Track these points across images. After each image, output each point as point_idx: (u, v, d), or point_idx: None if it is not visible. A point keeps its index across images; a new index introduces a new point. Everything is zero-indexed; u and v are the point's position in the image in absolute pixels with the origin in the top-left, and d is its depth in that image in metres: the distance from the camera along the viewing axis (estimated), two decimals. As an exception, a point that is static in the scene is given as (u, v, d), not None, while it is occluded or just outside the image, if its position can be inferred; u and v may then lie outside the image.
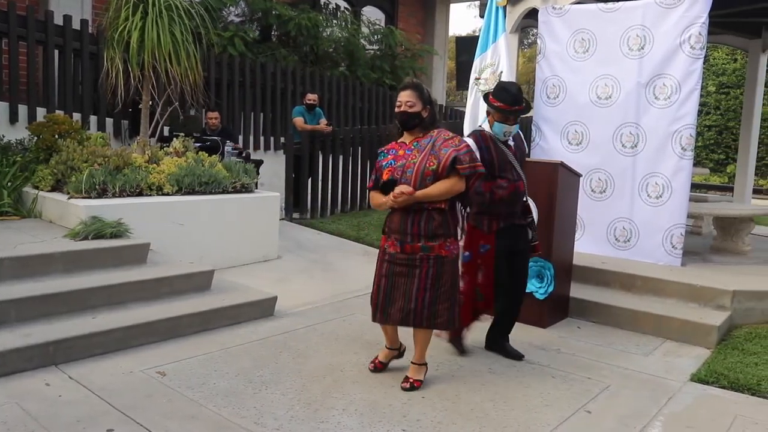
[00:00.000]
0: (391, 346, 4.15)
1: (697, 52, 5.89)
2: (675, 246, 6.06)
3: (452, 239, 3.84)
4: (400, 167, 3.79)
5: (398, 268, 3.83)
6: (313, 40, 11.77)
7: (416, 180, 3.72)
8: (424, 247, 3.77)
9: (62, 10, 8.15)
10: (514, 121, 4.28)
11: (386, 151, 3.96)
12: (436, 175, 3.72)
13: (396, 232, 3.83)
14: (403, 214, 3.79)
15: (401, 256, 3.81)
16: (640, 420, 3.66)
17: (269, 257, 6.88)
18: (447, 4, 15.52)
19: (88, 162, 5.92)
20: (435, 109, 3.98)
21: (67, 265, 4.80)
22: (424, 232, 3.76)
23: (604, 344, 4.92)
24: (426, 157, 3.76)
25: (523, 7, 7.40)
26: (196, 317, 4.69)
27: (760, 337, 4.99)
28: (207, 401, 3.60)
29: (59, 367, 3.89)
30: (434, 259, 3.77)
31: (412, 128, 3.87)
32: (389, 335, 4.12)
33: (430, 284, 3.78)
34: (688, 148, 5.97)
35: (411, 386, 3.90)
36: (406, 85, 3.90)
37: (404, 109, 3.82)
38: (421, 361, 4.00)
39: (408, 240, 3.79)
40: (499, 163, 4.32)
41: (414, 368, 3.99)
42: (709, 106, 18.31)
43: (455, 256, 3.88)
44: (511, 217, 4.39)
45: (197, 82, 6.48)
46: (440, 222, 3.77)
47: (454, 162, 3.70)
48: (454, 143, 3.79)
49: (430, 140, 3.82)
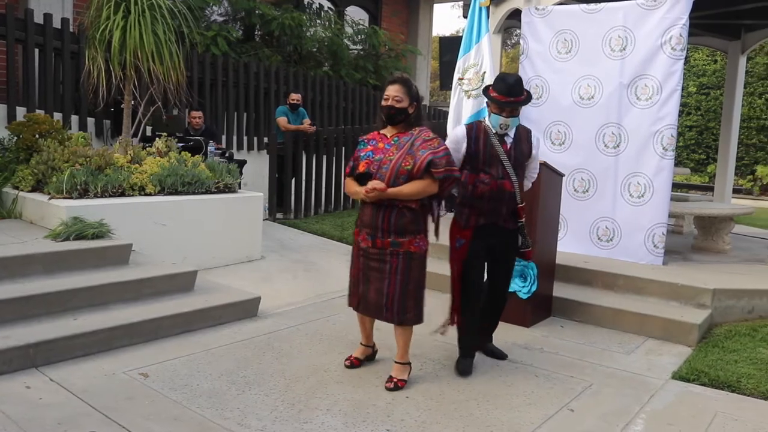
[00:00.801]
0: (366, 343, 4.25)
1: (678, 53, 5.95)
2: (657, 245, 6.12)
3: (422, 236, 3.88)
4: (377, 161, 3.82)
5: (371, 262, 3.88)
6: (296, 39, 11.75)
7: (390, 177, 3.74)
8: (393, 242, 3.80)
9: (42, 9, 8.07)
10: (509, 113, 4.07)
11: (367, 140, 3.99)
12: (410, 175, 3.74)
13: (367, 226, 3.87)
14: (374, 209, 3.82)
15: (373, 251, 3.86)
16: (622, 418, 3.68)
17: (252, 257, 6.85)
18: (430, 4, 15.54)
19: (69, 162, 5.86)
20: (421, 106, 3.99)
21: (48, 266, 4.75)
22: (395, 228, 3.79)
23: (587, 343, 4.96)
24: (403, 155, 3.78)
25: (506, 7, 7.45)
26: (178, 318, 4.67)
27: (740, 334, 5.05)
28: (190, 402, 3.58)
29: (40, 369, 3.84)
30: (403, 254, 3.81)
31: (398, 123, 3.88)
32: (366, 330, 4.20)
33: (399, 279, 3.82)
34: (669, 148, 6.02)
35: (395, 386, 3.91)
36: (395, 79, 3.90)
37: (391, 103, 3.82)
38: (404, 360, 4.01)
39: (378, 235, 3.83)
40: (484, 156, 4.15)
41: (397, 368, 4.00)
42: (690, 106, 18.48)
43: (424, 253, 3.92)
44: (494, 216, 4.19)
45: (180, 81, 6.44)
46: (411, 219, 3.81)
47: (429, 165, 3.73)
48: (432, 145, 3.80)
49: (410, 138, 3.84)
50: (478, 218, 4.18)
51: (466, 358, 4.30)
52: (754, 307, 5.45)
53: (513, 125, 4.16)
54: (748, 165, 17.71)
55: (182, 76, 6.52)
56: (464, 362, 4.27)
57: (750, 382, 4.17)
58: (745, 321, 5.38)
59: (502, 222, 4.23)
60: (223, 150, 8.37)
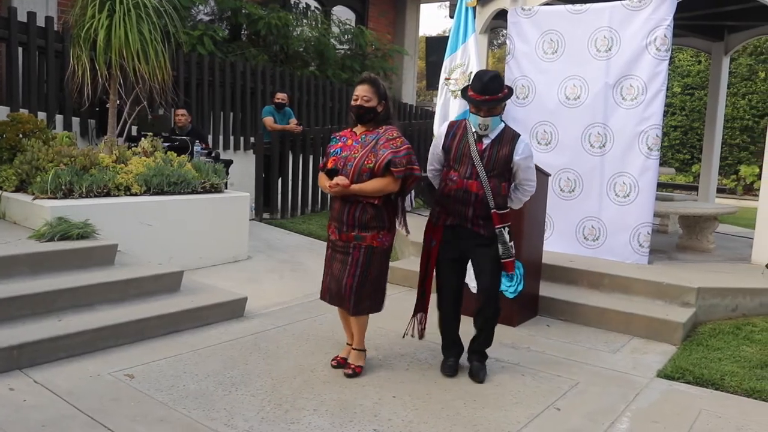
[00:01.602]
0: (350, 341, 4.30)
1: (663, 54, 5.99)
2: (642, 244, 6.16)
3: (385, 232, 4.00)
4: (344, 158, 3.97)
5: (337, 254, 4.04)
6: (283, 39, 11.71)
7: (353, 174, 3.89)
8: (357, 236, 3.95)
9: (26, 7, 8.00)
10: (487, 112, 3.94)
11: (339, 137, 4.16)
12: (372, 172, 3.88)
13: (335, 219, 4.04)
14: (342, 204, 3.98)
15: (339, 243, 4.03)
16: (608, 416, 3.71)
17: (239, 258, 6.83)
18: (417, 4, 15.55)
19: (53, 162, 5.82)
20: (390, 105, 4.10)
21: (33, 266, 4.71)
22: (358, 223, 3.94)
23: (573, 342, 4.98)
24: (366, 154, 3.92)
25: (492, 7, 7.46)
26: (165, 319, 4.64)
27: (724, 333, 5.10)
28: (176, 404, 3.56)
29: (24, 371, 3.81)
30: (365, 248, 3.95)
31: (367, 122, 4.02)
32: (348, 329, 4.27)
33: (359, 271, 3.96)
34: (654, 148, 6.06)
35: (353, 372, 4.08)
36: (363, 79, 4.04)
37: (360, 103, 3.97)
38: (360, 346, 4.20)
39: (344, 229, 3.98)
40: (456, 153, 4.06)
41: (354, 354, 4.18)
42: (675, 106, 18.61)
43: (386, 248, 4.06)
44: (460, 217, 4.04)
45: (166, 81, 6.41)
46: (373, 215, 3.93)
47: (389, 164, 3.87)
48: (395, 144, 3.93)
49: (376, 137, 3.97)
50: (447, 218, 4.10)
51: (447, 359, 4.27)
52: (738, 306, 5.50)
53: (494, 125, 4.01)
54: (731, 165, 17.86)
55: (168, 75, 6.50)
56: (444, 364, 4.26)
57: (733, 380, 4.21)
58: (729, 319, 5.43)
59: (470, 225, 4.04)
60: (209, 150, 8.33)
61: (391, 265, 6.46)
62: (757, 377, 4.27)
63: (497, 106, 3.98)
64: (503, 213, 4.03)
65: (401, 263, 6.64)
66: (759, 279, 5.84)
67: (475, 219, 4.02)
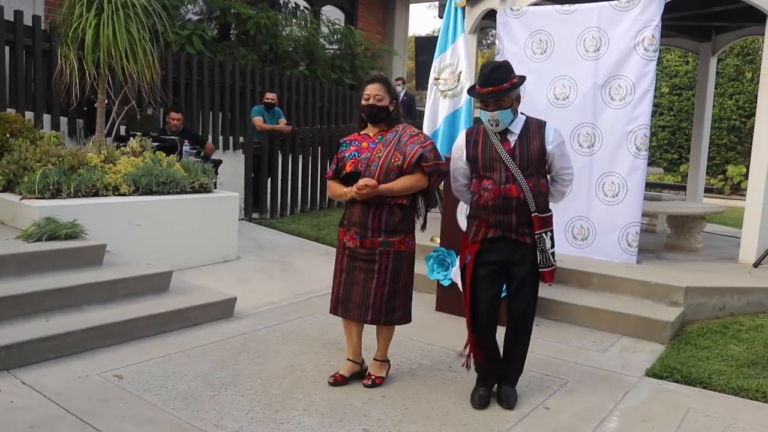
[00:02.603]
0: (354, 358, 4.04)
1: (651, 54, 6.02)
2: (630, 244, 6.18)
3: (411, 235, 3.86)
4: (365, 160, 3.76)
5: (358, 263, 3.81)
6: (272, 39, 11.70)
7: (380, 174, 3.70)
8: (384, 242, 3.75)
9: (13, 6, 7.94)
10: (494, 105, 3.59)
11: (349, 142, 3.93)
12: (400, 170, 3.71)
13: (356, 225, 3.79)
14: (364, 208, 3.75)
15: (361, 251, 3.79)
16: (597, 415, 3.72)
17: (228, 258, 6.81)
18: (406, 4, 15.58)
19: (41, 162, 5.78)
20: (399, 104, 4.00)
21: (20, 267, 4.68)
22: (386, 227, 3.74)
23: (562, 341, 5.00)
24: (391, 152, 3.75)
25: (481, 7, 7.48)
26: (153, 319, 4.63)
27: (712, 332, 5.13)
28: (165, 404, 3.55)
29: (12, 372, 3.79)
30: (394, 254, 3.77)
31: (380, 122, 3.85)
32: (353, 344, 4.03)
33: (389, 279, 3.78)
34: (642, 148, 6.09)
35: (373, 383, 3.92)
36: (374, 78, 3.87)
37: (373, 102, 3.79)
38: (384, 358, 4.03)
39: (368, 234, 3.76)
40: (484, 160, 3.70)
41: (376, 365, 4.01)
42: (663, 107, 18.71)
43: (413, 252, 3.89)
44: (503, 227, 3.67)
45: (154, 80, 6.38)
46: (401, 217, 3.77)
47: (420, 159, 3.72)
48: (420, 140, 3.80)
49: (396, 135, 3.81)
50: (487, 231, 3.71)
51: (478, 387, 3.87)
52: (726, 305, 5.53)
53: (505, 119, 3.63)
54: (719, 165, 17.98)
55: (157, 75, 6.47)
56: (476, 391, 3.85)
57: (721, 379, 4.24)
58: (716, 318, 5.46)
59: (515, 235, 3.67)
60: (198, 150, 8.30)
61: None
62: (744, 376, 4.30)
63: (504, 98, 3.61)
64: (545, 216, 3.67)
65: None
66: (746, 278, 5.88)
67: (519, 227, 3.66)
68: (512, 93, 3.64)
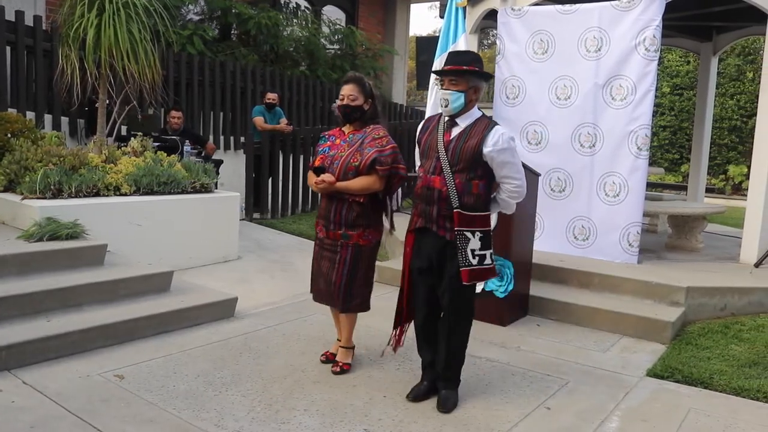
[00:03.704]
0: (339, 337, 4.32)
1: (652, 54, 6.02)
2: (631, 244, 6.18)
3: (371, 230, 4.04)
4: (331, 157, 4.02)
5: (325, 252, 4.10)
6: (273, 39, 11.69)
7: (339, 173, 3.93)
8: (344, 234, 3.99)
9: (14, 6, 7.95)
10: (448, 84, 3.55)
11: (327, 136, 4.19)
12: (357, 171, 3.92)
13: (323, 218, 4.09)
14: (329, 202, 4.03)
15: (327, 241, 4.07)
16: (598, 415, 3.72)
17: (229, 258, 6.81)
18: (407, 4, 15.56)
19: (42, 162, 5.78)
20: (377, 103, 4.11)
21: (21, 267, 4.68)
22: (345, 221, 3.98)
23: (563, 341, 5.00)
24: (352, 152, 3.96)
25: (482, 7, 7.48)
26: (154, 319, 4.63)
27: (713, 332, 5.12)
28: (166, 404, 3.55)
29: (13, 372, 3.79)
30: (352, 246, 4.00)
31: (354, 121, 4.06)
32: (338, 327, 4.30)
33: (347, 269, 4.00)
34: (643, 148, 6.09)
35: (341, 369, 4.13)
36: (348, 78, 4.07)
37: (347, 102, 4.00)
38: (348, 344, 4.24)
39: (331, 227, 4.03)
40: (423, 147, 3.72)
41: (342, 351, 4.24)
42: (664, 107, 18.71)
43: (373, 245, 4.08)
44: (426, 218, 3.64)
45: (155, 80, 6.39)
46: (359, 213, 3.97)
47: (374, 162, 3.90)
48: (380, 144, 3.96)
49: (362, 136, 4.02)
50: (417, 221, 3.72)
51: (421, 380, 3.87)
52: (727, 305, 5.53)
53: (454, 101, 3.54)
54: (720, 165, 17.97)
55: (158, 75, 6.48)
56: (418, 384, 3.85)
57: (722, 379, 4.24)
58: (717, 318, 5.46)
59: (435, 228, 3.61)
60: (199, 150, 8.30)
61: (382, 264, 6.49)
62: (745, 376, 4.30)
63: (460, 79, 3.54)
64: (470, 215, 3.54)
65: (391, 263, 6.63)
66: (747, 278, 5.87)
67: (440, 220, 3.59)
68: (470, 78, 3.57)
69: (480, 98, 3.72)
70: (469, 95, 3.59)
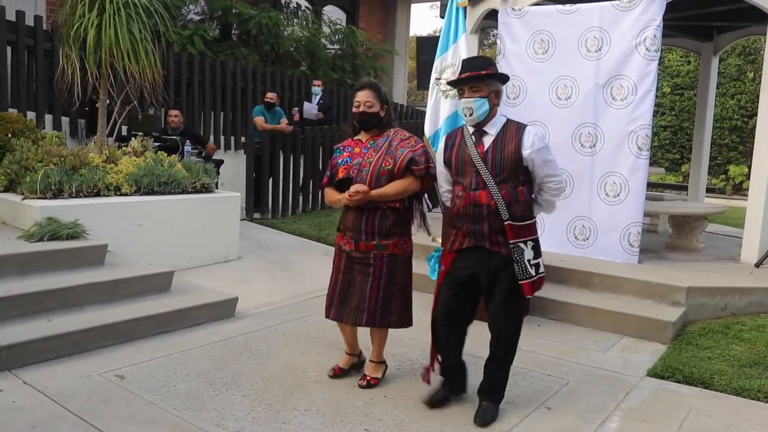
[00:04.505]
0: (351, 351, 4.13)
1: (652, 54, 6.01)
2: (632, 244, 6.18)
3: (406, 238, 3.87)
4: (356, 165, 3.80)
5: (354, 266, 3.84)
6: (273, 39, 11.71)
7: (372, 179, 3.73)
8: (378, 245, 3.77)
9: (14, 6, 7.96)
10: (469, 92, 3.48)
11: (342, 148, 3.97)
12: (391, 174, 3.74)
13: (351, 230, 3.83)
14: (357, 213, 3.79)
15: (356, 254, 3.82)
16: (598, 415, 3.72)
17: (230, 258, 6.81)
18: (408, 4, 15.57)
19: (43, 162, 5.79)
20: (391, 108, 4.00)
21: (21, 267, 4.68)
22: (379, 231, 3.76)
23: (564, 341, 4.99)
24: (382, 156, 3.78)
25: (483, 7, 7.47)
26: (155, 319, 4.63)
27: (713, 332, 5.12)
28: (167, 404, 3.55)
29: (13, 372, 3.79)
30: (388, 257, 3.78)
31: (371, 128, 3.87)
32: (348, 340, 4.09)
33: (384, 282, 3.79)
34: (644, 148, 6.09)
35: (368, 384, 3.93)
36: (363, 84, 3.89)
37: (363, 109, 3.81)
38: (379, 359, 4.03)
39: (362, 238, 3.79)
40: (456, 164, 3.58)
41: (372, 366, 4.02)
42: (664, 106, 18.70)
43: (409, 255, 3.90)
44: (476, 237, 3.50)
45: (156, 80, 6.39)
46: (394, 221, 3.78)
47: (410, 163, 3.73)
48: (410, 144, 3.82)
49: (387, 139, 3.84)
50: (462, 241, 3.56)
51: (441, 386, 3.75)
52: (727, 305, 5.53)
53: (479, 108, 3.46)
54: (721, 165, 17.96)
55: (158, 75, 6.48)
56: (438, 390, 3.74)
57: (723, 379, 4.23)
58: (718, 318, 5.45)
59: (488, 244, 3.47)
60: (199, 150, 8.31)
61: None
62: (746, 376, 4.29)
63: (480, 85, 3.48)
64: (520, 225, 3.45)
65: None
66: (748, 278, 5.87)
67: (493, 236, 3.46)
68: (489, 83, 3.51)
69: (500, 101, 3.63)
70: (492, 100, 3.51)
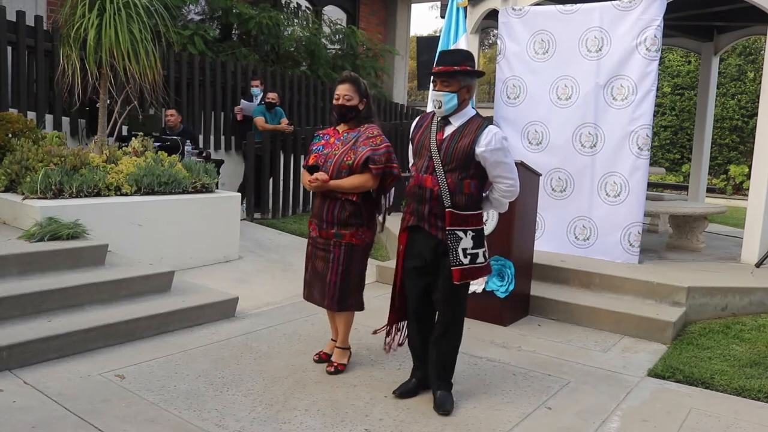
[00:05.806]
0: (334, 337, 4.34)
1: (653, 54, 6.01)
2: (632, 244, 6.18)
3: (364, 229, 4.04)
4: (324, 155, 4.03)
5: (318, 251, 4.09)
6: (274, 39, 11.71)
7: (333, 171, 3.94)
8: (336, 234, 3.99)
9: (15, 6, 7.97)
10: (440, 85, 3.53)
11: (321, 135, 4.20)
12: (351, 169, 3.93)
13: (316, 216, 4.11)
14: (321, 201, 4.04)
15: (320, 240, 4.07)
16: (599, 415, 3.72)
17: (230, 258, 6.81)
18: (408, 4, 15.57)
19: (43, 162, 5.79)
20: (371, 103, 4.13)
21: (22, 267, 4.68)
22: (337, 220, 3.98)
23: (564, 341, 4.99)
24: (346, 151, 3.98)
25: (483, 7, 7.48)
26: (155, 319, 4.63)
27: (714, 332, 5.12)
28: (167, 404, 3.55)
29: (14, 372, 3.79)
30: (345, 245, 3.99)
31: (349, 120, 4.06)
32: (334, 325, 4.31)
33: (341, 269, 4.00)
34: (644, 148, 6.09)
35: (335, 369, 4.12)
36: (343, 78, 4.07)
37: (342, 102, 4.00)
38: (344, 345, 4.24)
39: (324, 226, 4.03)
40: (416, 146, 3.71)
41: (338, 352, 4.22)
42: (665, 106, 18.68)
43: (366, 245, 4.08)
44: (417, 216, 3.63)
45: (156, 80, 6.39)
46: (352, 212, 3.97)
47: (368, 161, 3.91)
48: (374, 142, 3.98)
49: (356, 135, 4.03)
50: (409, 219, 3.70)
51: (408, 380, 3.90)
52: (728, 305, 5.53)
53: (447, 102, 3.53)
54: (721, 165, 17.95)
55: (158, 75, 6.48)
56: (404, 383, 3.88)
57: (723, 379, 4.24)
58: (718, 318, 5.46)
59: (427, 226, 3.60)
60: (200, 150, 8.31)
61: (382, 264, 6.50)
62: (746, 376, 4.29)
63: (452, 80, 3.53)
64: (464, 215, 3.55)
65: (392, 262, 6.63)
66: (748, 278, 5.87)
67: (431, 219, 3.58)
68: (461, 78, 3.55)
69: (473, 95, 3.73)
70: (462, 95, 3.57)
